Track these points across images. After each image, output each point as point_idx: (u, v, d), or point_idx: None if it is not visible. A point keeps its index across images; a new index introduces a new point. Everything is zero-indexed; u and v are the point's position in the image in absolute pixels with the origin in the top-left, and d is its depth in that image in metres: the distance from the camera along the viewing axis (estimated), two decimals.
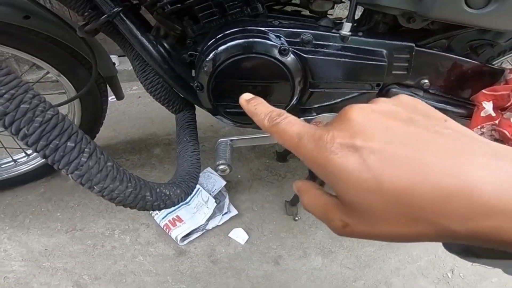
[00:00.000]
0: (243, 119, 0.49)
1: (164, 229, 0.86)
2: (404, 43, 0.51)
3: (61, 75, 0.78)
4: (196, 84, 0.44)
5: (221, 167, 0.46)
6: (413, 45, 0.52)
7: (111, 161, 0.28)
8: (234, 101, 0.46)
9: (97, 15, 0.48)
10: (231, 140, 0.50)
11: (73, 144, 0.24)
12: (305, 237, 0.89)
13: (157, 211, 0.88)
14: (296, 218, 0.91)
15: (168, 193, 0.35)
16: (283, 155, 1.08)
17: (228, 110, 0.47)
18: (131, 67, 1.53)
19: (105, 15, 0.45)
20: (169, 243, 0.85)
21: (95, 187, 0.26)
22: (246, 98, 0.24)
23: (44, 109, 0.24)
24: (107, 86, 0.87)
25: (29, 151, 0.93)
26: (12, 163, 0.93)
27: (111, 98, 1.24)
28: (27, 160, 0.93)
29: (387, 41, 0.50)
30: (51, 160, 0.24)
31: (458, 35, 0.57)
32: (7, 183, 0.94)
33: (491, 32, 0.59)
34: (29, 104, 0.23)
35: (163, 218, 0.86)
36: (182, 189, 0.38)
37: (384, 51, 0.50)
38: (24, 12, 0.64)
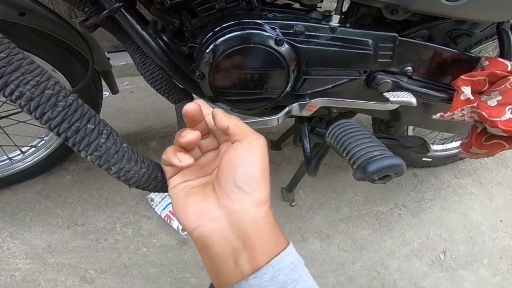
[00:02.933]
0: (241, 105, 0.52)
1: (165, 219, 0.88)
2: (388, 33, 0.55)
3: (56, 70, 0.78)
4: (197, 73, 0.46)
5: None
6: (396, 35, 0.56)
7: (126, 142, 0.29)
8: (233, 88, 0.49)
9: (97, 10, 0.49)
10: None
11: (93, 126, 0.26)
12: (302, 222, 0.93)
13: (157, 203, 0.90)
14: (293, 204, 0.95)
15: None
16: (277, 143, 1.11)
17: (227, 97, 0.50)
18: (122, 63, 1.52)
19: (107, 10, 0.47)
20: (171, 234, 0.87)
21: (112, 168, 0.27)
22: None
23: (65, 94, 0.25)
24: (102, 80, 0.88)
25: (24, 149, 0.93)
26: (8, 161, 0.92)
27: (104, 94, 1.24)
28: (22, 157, 0.93)
29: (372, 32, 0.54)
30: (72, 142, 0.25)
31: (438, 25, 0.62)
32: (3, 181, 0.94)
33: (468, 23, 0.64)
34: (52, 90, 0.24)
35: (163, 209, 0.89)
36: None
37: (370, 41, 0.54)
38: (20, 8, 0.65)
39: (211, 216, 0.24)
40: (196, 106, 0.27)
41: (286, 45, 0.48)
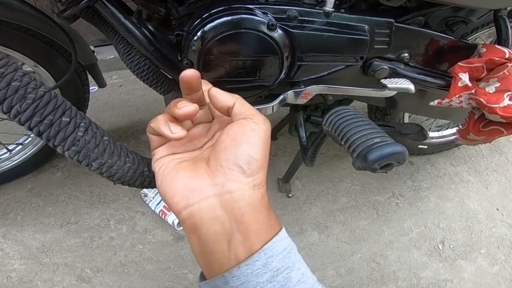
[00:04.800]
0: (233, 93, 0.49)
1: (160, 215, 0.87)
2: (384, 19, 0.53)
3: (38, 65, 0.75)
4: (185, 61, 0.44)
5: None
6: (393, 21, 0.54)
7: (107, 135, 0.27)
8: (224, 76, 0.47)
9: (75, 0, 0.46)
10: None
11: (68, 119, 0.24)
12: (300, 214, 0.92)
13: (151, 198, 0.88)
14: (290, 195, 0.94)
15: None
16: (272, 133, 1.09)
17: (218, 86, 0.47)
18: (110, 57, 1.48)
19: (85, 0, 0.44)
20: (167, 229, 0.86)
21: (93, 163, 0.25)
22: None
23: (35, 86, 0.23)
24: (88, 74, 0.85)
25: (11, 147, 0.90)
26: None
27: (92, 88, 1.20)
28: (9, 156, 0.90)
29: (368, 17, 0.53)
30: (46, 137, 0.23)
31: (434, 12, 0.60)
32: None
33: (464, 10, 0.63)
34: (20, 81, 0.22)
35: (157, 204, 0.87)
36: None
37: (366, 27, 0.52)
38: None
39: (202, 195, 0.22)
40: (195, 72, 0.25)
41: (279, 30, 0.46)
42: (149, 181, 0.30)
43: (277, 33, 0.45)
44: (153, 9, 0.49)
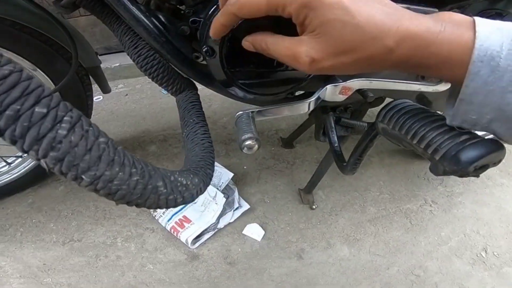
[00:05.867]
0: (260, 89, 0.41)
1: (172, 232, 0.78)
2: (428, 8, 0.47)
3: (37, 68, 0.68)
4: (205, 49, 0.36)
5: (247, 142, 0.37)
6: (437, 10, 0.47)
7: (105, 136, 0.19)
8: (251, 65, 0.39)
9: None
10: (252, 112, 0.42)
11: (45, 110, 0.16)
12: (326, 226, 0.83)
13: (161, 214, 0.80)
14: (314, 207, 0.85)
15: (185, 182, 0.26)
16: (289, 140, 1.01)
17: (243, 81, 0.39)
18: (114, 65, 1.44)
19: None
20: (179, 247, 0.78)
21: (83, 176, 0.17)
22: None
23: None
24: (91, 78, 0.78)
25: (10, 160, 0.83)
26: None
27: (97, 98, 1.14)
28: (8, 169, 0.84)
29: (412, 6, 0.45)
30: (10, 136, 0.15)
31: (471, 4, 0.55)
32: None
33: (503, 1, 0.56)
34: None
35: (168, 221, 0.79)
36: (200, 178, 0.30)
37: None
38: None
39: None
40: None
41: None
42: (165, 199, 0.22)
43: None
44: None
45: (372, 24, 0.21)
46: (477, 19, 0.21)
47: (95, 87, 0.81)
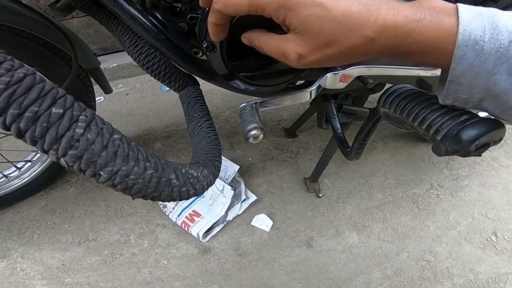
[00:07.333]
0: (262, 81, 0.41)
1: (183, 227, 0.80)
2: None
3: (36, 71, 0.68)
4: (205, 45, 0.36)
5: (253, 132, 0.38)
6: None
7: (118, 133, 0.20)
8: (251, 57, 0.39)
9: None
10: (255, 103, 0.43)
11: (61, 110, 0.17)
12: (334, 214, 0.84)
13: (171, 209, 0.82)
14: (320, 195, 0.86)
15: (195, 174, 0.27)
16: (292, 130, 1.01)
17: (245, 73, 0.40)
18: (113, 65, 1.43)
19: None
20: (191, 242, 0.79)
21: (101, 172, 0.18)
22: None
23: (11, 67, 0.16)
24: (91, 80, 0.78)
25: (19, 164, 0.85)
26: (4, 179, 0.85)
27: (98, 99, 1.14)
28: (19, 174, 0.85)
29: None
30: (31, 137, 0.16)
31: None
32: (3, 200, 0.86)
33: None
34: None
35: (179, 216, 0.81)
36: (209, 170, 0.31)
37: None
38: None
39: None
40: None
41: None
42: (178, 191, 0.23)
43: None
44: None
45: (349, 17, 0.21)
46: (460, 5, 0.21)
47: (95, 88, 0.81)
